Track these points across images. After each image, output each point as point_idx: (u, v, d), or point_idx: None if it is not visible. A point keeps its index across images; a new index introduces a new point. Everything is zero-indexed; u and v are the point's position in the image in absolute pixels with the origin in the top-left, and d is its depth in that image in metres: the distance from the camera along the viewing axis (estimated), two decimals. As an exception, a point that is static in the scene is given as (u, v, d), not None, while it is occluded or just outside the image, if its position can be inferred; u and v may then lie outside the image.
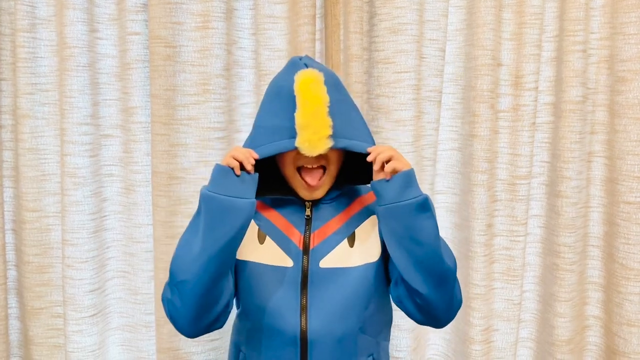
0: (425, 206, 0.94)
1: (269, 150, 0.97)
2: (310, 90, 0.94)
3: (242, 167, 0.95)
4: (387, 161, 0.95)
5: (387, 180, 0.95)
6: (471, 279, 1.48)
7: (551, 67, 1.50)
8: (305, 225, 1.03)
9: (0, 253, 1.44)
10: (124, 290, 1.51)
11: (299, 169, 1.01)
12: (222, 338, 1.45)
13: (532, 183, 1.53)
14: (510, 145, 1.49)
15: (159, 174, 1.39)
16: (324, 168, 1.02)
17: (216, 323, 0.99)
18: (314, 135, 0.94)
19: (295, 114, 0.95)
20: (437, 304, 0.98)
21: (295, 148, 0.96)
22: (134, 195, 1.46)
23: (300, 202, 1.05)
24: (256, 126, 1.03)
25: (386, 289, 1.06)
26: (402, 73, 1.45)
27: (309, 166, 1.00)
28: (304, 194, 1.03)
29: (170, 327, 1.41)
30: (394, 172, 0.94)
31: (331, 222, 1.04)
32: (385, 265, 1.05)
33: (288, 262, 1.01)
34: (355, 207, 1.07)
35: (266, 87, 1.41)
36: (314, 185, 1.01)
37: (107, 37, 1.43)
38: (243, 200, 0.93)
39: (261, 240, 1.03)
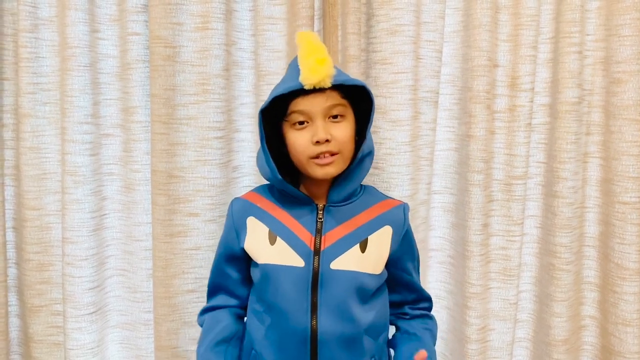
0: None
1: (276, 91, 0.99)
2: (310, 36, 1.00)
3: None
4: None
5: None
6: (467, 278, 1.49)
7: (547, 68, 1.51)
8: (317, 227, 1.05)
9: (1, 251, 1.46)
10: (123, 288, 1.52)
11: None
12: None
13: (528, 183, 1.54)
14: (506, 145, 1.50)
15: (159, 172, 1.40)
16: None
17: None
18: (315, 62, 0.96)
19: (297, 54, 0.99)
20: None
21: (300, 86, 0.97)
22: (134, 193, 1.48)
23: (312, 205, 1.07)
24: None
25: (387, 293, 1.11)
26: (400, 74, 1.46)
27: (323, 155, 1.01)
28: (318, 172, 1.02)
29: (169, 325, 1.43)
30: None
31: (343, 226, 1.05)
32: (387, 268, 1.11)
33: (299, 262, 1.02)
34: (370, 214, 1.08)
35: (265, 87, 1.43)
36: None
37: (108, 37, 1.44)
38: None
39: (272, 241, 1.04)
